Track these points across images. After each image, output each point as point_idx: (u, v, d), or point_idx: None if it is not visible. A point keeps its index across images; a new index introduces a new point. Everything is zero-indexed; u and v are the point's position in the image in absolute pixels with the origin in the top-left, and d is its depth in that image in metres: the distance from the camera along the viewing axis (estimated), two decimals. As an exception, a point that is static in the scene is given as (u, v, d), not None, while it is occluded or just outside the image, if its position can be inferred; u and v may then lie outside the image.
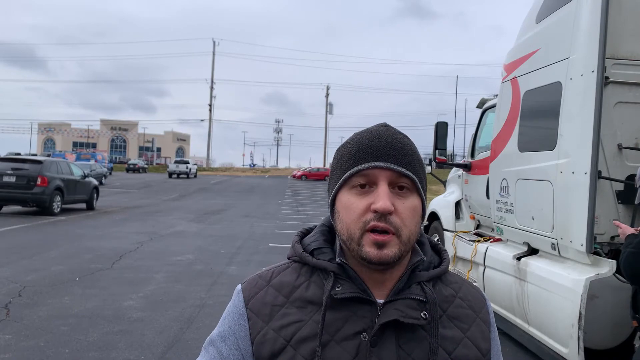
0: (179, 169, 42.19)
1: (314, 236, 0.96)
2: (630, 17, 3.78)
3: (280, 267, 0.95)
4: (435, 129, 6.40)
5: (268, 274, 0.94)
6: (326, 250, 0.92)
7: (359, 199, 0.85)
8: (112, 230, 11.38)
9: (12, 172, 13.24)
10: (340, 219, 0.88)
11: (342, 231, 0.87)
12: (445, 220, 6.84)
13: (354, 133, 0.93)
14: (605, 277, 3.47)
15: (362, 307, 0.86)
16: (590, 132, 3.47)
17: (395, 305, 0.86)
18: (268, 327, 0.87)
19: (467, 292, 0.96)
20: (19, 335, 4.50)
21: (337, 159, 0.92)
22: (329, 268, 0.89)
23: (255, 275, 0.95)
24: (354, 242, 0.85)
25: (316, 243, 0.94)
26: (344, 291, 0.86)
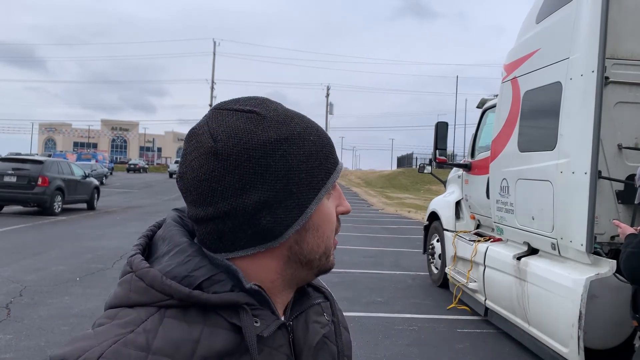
0: (179, 169, 42.27)
1: (191, 261, 0.63)
2: (630, 17, 3.78)
3: (151, 321, 0.60)
4: (435, 129, 6.40)
5: (138, 338, 0.58)
6: (221, 278, 0.63)
7: (331, 204, 0.70)
8: (113, 230, 11.39)
9: (13, 172, 13.25)
10: (319, 235, 0.67)
11: (319, 248, 0.68)
12: (446, 220, 6.84)
13: (290, 117, 0.66)
14: (606, 277, 3.48)
15: (276, 334, 0.66)
16: (590, 132, 3.48)
17: (308, 318, 0.72)
18: None
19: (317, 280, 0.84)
20: (19, 335, 4.51)
21: (306, 156, 0.65)
22: (240, 301, 0.62)
23: (117, 346, 0.56)
24: (326, 255, 0.69)
25: (202, 270, 0.62)
26: (267, 324, 0.64)
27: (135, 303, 0.61)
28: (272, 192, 0.62)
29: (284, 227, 0.64)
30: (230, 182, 0.61)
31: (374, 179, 44.42)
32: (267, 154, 0.62)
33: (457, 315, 5.69)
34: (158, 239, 0.69)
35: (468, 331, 5.20)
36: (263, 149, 0.61)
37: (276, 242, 0.64)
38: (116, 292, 0.64)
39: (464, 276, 5.77)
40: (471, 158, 6.51)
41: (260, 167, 0.61)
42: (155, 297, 0.61)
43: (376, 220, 16.91)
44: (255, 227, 0.63)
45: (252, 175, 0.61)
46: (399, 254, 9.85)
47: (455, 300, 6.02)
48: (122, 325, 0.59)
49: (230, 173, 0.61)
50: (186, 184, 0.64)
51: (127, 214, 15.09)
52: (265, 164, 0.61)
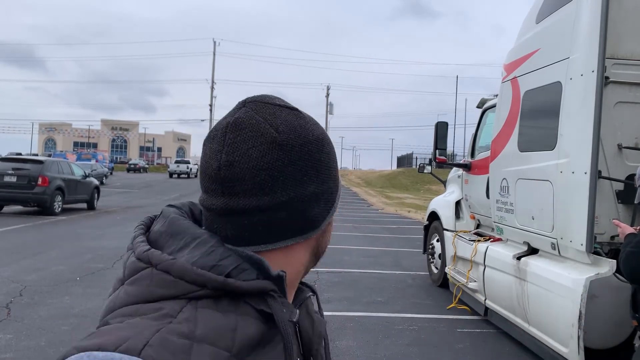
0: (179, 169, 42.20)
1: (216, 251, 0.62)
2: (630, 17, 3.78)
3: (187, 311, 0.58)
4: (435, 129, 6.41)
5: (180, 327, 0.56)
6: (245, 267, 0.63)
7: None
8: (113, 230, 11.39)
9: (13, 172, 13.25)
10: (331, 229, 0.73)
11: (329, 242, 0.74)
12: (446, 220, 6.85)
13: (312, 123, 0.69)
14: (605, 276, 3.48)
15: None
16: (590, 131, 3.48)
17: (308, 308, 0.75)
18: None
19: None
20: (19, 335, 4.51)
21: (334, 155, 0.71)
22: (267, 288, 0.63)
23: (158, 338, 0.53)
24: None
25: (230, 260, 0.62)
26: (291, 310, 0.65)
27: (160, 297, 0.59)
28: (321, 185, 0.67)
29: (322, 219, 0.68)
30: (291, 173, 0.63)
31: (374, 178, 44.41)
32: (319, 149, 0.67)
33: (457, 315, 5.70)
34: (161, 235, 0.66)
35: (468, 331, 5.20)
36: (317, 144, 0.66)
37: (314, 233, 0.68)
38: (130, 291, 0.61)
39: (463, 276, 5.77)
40: (471, 158, 6.51)
41: (315, 160, 0.66)
42: (184, 289, 0.59)
43: (376, 220, 16.91)
44: (305, 218, 0.66)
45: (309, 168, 0.65)
46: (399, 254, 9.85)
47: (455, 300, 6.02)
48: (156, 318, 0.56)
49: (293, 164, 0.63)
50: (239, 173, 0.63)
51: (127, 214, 15.09)
52: (319, 158, 0.66)
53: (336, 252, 9.28)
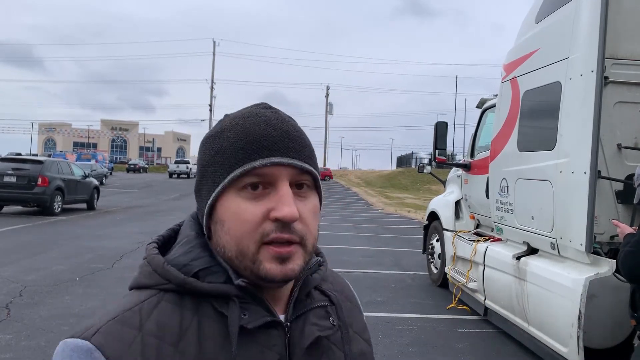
0: (179, 169, 42.20)
1: (193, 252, 0.69)
2: (630, 17, 3.79)
3: (148, 302, 0.66)
4: (435, 128, 6.41)
5: (133, 316, 0.64)
6: (216, 269, 0.68)
7: (252, 204, 0.67)
8: (113, 230, 11.39)
9: (12, 172, 13.25)
10: (224, 230, 0.68)
11: (229, 246, 0.67)
12: (445, 220, 6.85)
13: (230, 116, 0.73)
14: (605, 276, 3.48)
15: (270, 333, 0.68)
16: (590, 131, 3.48)
17: (307, 320, 0.73)
18: None
19: (338, 283, 0.85)
20: (19, 335, 4.51)
21: (215, 151, 0.69)
22: (230, 293, 0.66)
23: (113, 322, 0.63)
24: (247, 258, 0.66)
25: (200, 261, 0.68)
26: (255, 318, 0.67)
27: (142, 285, 0.69)
28: (198, 180, 0.72)
29: (201, 215, 0.72)
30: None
31: (374, 178, 44.41)
32: (200, 149, 0.73)
33: (457, 315, 5.70)
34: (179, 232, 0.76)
35: (468, 331, 5.20)
36: (201, 144, 0.74)
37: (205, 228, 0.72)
38: (134, 276, 0.71)
39: (463, 276, 5.78)
40: (471, 158, 6.52)
41: (198, 159, 0.74)
42: (157, 280, 0.68)
43: (376, 220, 16.91)
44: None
45: (198, 164, 0.74)
46: (399, 254, 9.85)
47: (455, 300, 6.02)
48: (123, 305, 0.66)
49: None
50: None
51: (127, 214, 15.09)
52: (199, 157, 0.73)
53: (336, 252, 9.28)
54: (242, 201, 0.67)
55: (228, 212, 0.68)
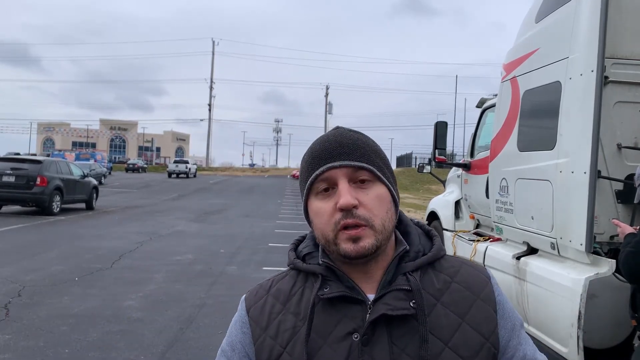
0: (178, 168, 42.18)
1: (305, 242, 0.99)
2: (630, 17, 3.78)
3: (280, 275, 0.99)
4: (434, 128, 6.40)
5: (268, 283, 0.98)
6: (316, 254, 0.94)
7: (325, 202, 0.88)
8: (112, 230, 11.37)
9: (11, 172, 13.23)
10: (314, 226, 0.91)
11: (319, 236, 0.90)
12: (445, 219, 6.85)
13: (315, 140, 0.96)
14: (605, 276, 3.48)
15: (353, 307, 0.87)
16: (590, 131, 3.48)
17: (384, 300, 0.87)
18: (265, 335, 0.91)
19: (465, 274, 0.93)
20: (18, 335, 4.50)
21: (301, 171, 0.95)
22: (317, 271, 0.91)
23: (257, 285, 1.00)
24: (331, 243, 0.87)
25: (307, 248, 0.97)
26: (331, 291, 0.88)
27: (287, 265, 1.00)
28: (301, 193, 0.96)
29: (304, 215, 0.96)
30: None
31: (373, 178, 44.36)
32: (300, 169, 0.97)
33: (457, 315, 5.69)
34: None
35: (467, 331, 5.19)
36: (300, 165, 0.97)
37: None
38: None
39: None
40: (470, 157, 6.51)
41: (299, 177, 0.97)
42: (289, 262, 0.99)
43: (375, 219, 16.88)
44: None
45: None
46: (398, 254, 9.84)
47: (455, 300, 6.02)
48: (271, 277, 1.01)
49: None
50: None
51: (126, 214, 15.07)
52: (300, 176, 0.96)
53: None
54: (318, 202, 0.90)
55: (312, 211, 0.91)
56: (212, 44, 54.21)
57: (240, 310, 0.97)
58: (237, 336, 0.95)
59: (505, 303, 0.93)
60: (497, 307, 0.91)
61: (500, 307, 0.91)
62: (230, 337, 0.96)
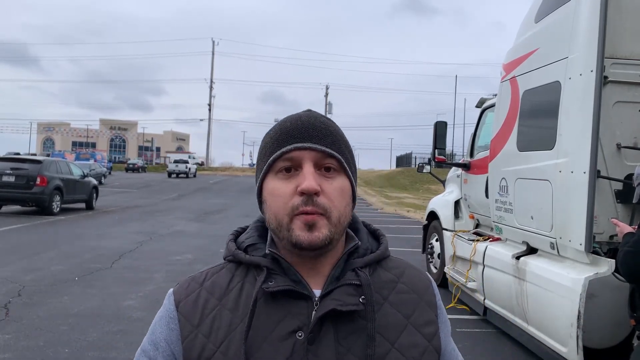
0: (178, 168, 42.15)
1: (248, 233, 0.92)
2: (629, 17, 3.78)
3: (215, 268, 0.91)
4: (434, 128, 6.40)
5: (201, 276, 0.90)
6: (260, 246, 0.88)
7: (284, 183, 0.82)
8: (112, 230, 11.38)
9: (11, 172, 13.23)
10: (267, 207, 0.84)
11: (271, 219, 0.84)
12: (445, 219, 6.85)
13: (281, 119, 0.90)
14: (604, 276, 3.48)
15: (297, 303, 0.82)
16: (589, 131, 3.48)
17: (332, 295, 0.82)
18: (197, 332, 0.83)
19: (410, 276, 0.92)
20: (18, 335, 4.50)
21: (262, 147, 0.89)
22: (262, 263, 0.85)
23: (188, 278, 0.90)
24: (284, 228, 0.81)
25: (250, 239, 0.90)
26: (277, 284, 0.82)
27: (223, 257, 0.93)
28: (256, 171, 0.91)
29: (257, 194, 0.89)
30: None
31: (373, 178, 44.41)
32: (260, 146, 0.90)
33: (456, 315, 5.70)
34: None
35: (467, 330, 5.20)
36: (261, 142, 0.90)
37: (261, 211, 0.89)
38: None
39: (463, 275, 5.78)
40: (470, 157, 6.52)
41: (258, 153, 0.91)
42: (226, 254, 0.92)
43: (375, 219, 16.91)
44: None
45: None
46: (398, 254, 9.77)
47: (455, 300, 6.02)
48: (204, 270, 0.92)
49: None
50: None
51: (125, 214, 15.07)
52: (258, 152, 0.91)
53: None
54: (277, 181, 0.84)
55: (267, 191, 0.85)
56: (212, 44, 54.29)
57: (168, 305, 0.87)
58: (162, 333, 0.86)
59: (443, 308, 0.93)
60: (438, 312, 0.91)
61: (440, 312, 0.92)
62: (154, 335, 0.87)
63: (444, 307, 0.94)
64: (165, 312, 0.87)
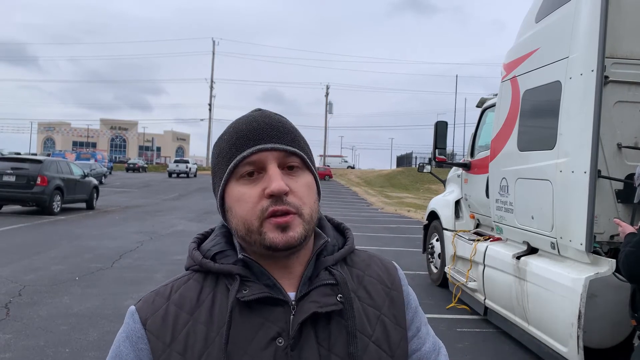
0: (178, 168, 42.14)
1: (214, 240, 0.87)
2: (630, 17, 3.78)
3: (180, 280, 0.85)
4: (435, 128, 6.40)
5: (166, 289, 0.84)
6: (229, 253, 0.84)
7: (249, 188, 0.80)
8: (112, 230, 11.38)
9: (12, 172, 13.23)
10: (233, 214, 0.81)
11: (239, 226, 0.80)
12: (445, 219, 6.85)
13: (232, 123, 0.86)
14: (605, 276, 3.48)
15: (274, 309, 0.79)
16: (590, 131, 3.48)
17: (310, 297, 0.80)
18: (170, 350, 0.78)
19: (376, 267, 0.92)
20: (19, 334, 4.50)
21: (217, 154, 0.85)
22: (234, 271, 0.81)
23: (152, 293, 0.84)
24: (254, 233, 0.78)
25: (217, 247, 0.85)
26: (252, 292, 0.79)
27: (187, 267, 0.87)
28: (212, 182, 0.87)
29: (218, 208, 0.86)
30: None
31: (374, 178, 44.41)
32: (213, 153, 0.87)
33: (457, 315, 5.70)
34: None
35: (467, 330, 5.20)
36: (214, 148, 0.87)
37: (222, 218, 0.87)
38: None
39: (463, 275, 5.77)
40: (471, 157, 6.51)
41: (212, 161, 0.87)
42: (190, 263, 0.86)
43: (375, 219, 16.91)
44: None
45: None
46: (399, 253, 9.85)
47: (455, 300, 6.02)
48: (167, 282, 0.86)
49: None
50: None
51: (126, 214, 15.08)
52: (213, 160, 0.87)
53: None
54: (241, 187, 0.81)
55: (232, 198, 0.81)
56: (212, 43, 54.31)
57: (131, 324, 0.81)
58: (129, 355, 0.79)
59: (410, 292, 0.93)
60: (405, 298, 0.90)
61: (407, 298, 0.91)
62: (120, 358, 0.81)
63: (411, 292, 0.93)
64: (129, 331, 0.81)
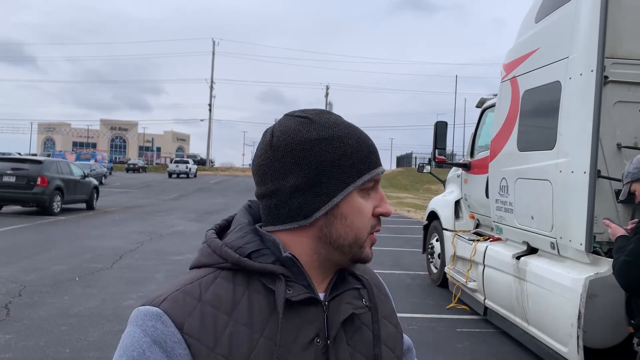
0: (178, 168, 42.13)
1: (246, 237, 0.82)
2: (630, 17, 3.78)
3: (206, 278, 0.78)
4: (434, 128, 6.41)
5: (194, 289, 0.77)
6: (266, 252, 0.80)
7: (366, 202, 0.82)
8: (112, 230, 11.38)
9: (12, 172, 13.24)
10: (346, 223, 0.80)
11: (347, 235, 0.80)
12: (445, 219, 6.85)
13: (330, 121, 0.82)
14: (605, 276, 3.48)
15: (308, 309, 0.79)
16: (590, 131, 3.48)
17: (343, 299, 0.83)
18: (215, 354, 0.73)
19: (370, 272, 0.97)
20: (19, 334, 4.50)
21: (339, 154, 0.79)
22: (277, 271, 0.78)
23: (177, 292, 0.76)
24: (358, 245, 0.82)
25: (253, 245, 0.80)
26: (297, 293, 0.78)
27: (202, 264, 0.81)
28: (304, 179, 0.78)
29: (312, 210, 0.79)
30: (276, 167, 0.79)
31: (374, 178, 44.39)
32: (305, 149, 0.78)
33: (457, 315, 5.70)
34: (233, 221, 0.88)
35: (467, 330, 5.20)
36: (303, 145, 0.78)
37: (306, 221, 0.80)
38: (195, 257, 0.83)
39: (463, 275, 5.78)
40: (470, 157, 6.52)
41: (298, 158, 0.78)
42: (216, 260, 0.80)
43: (375, 219, 16.88)
44: (290, 206, 0.80)
45: (291, 164, 0.78)
46: (399, 254, 9.85)
47: (455, 300, 6.02)
48: (188, 280, 0.79)
49: (278, 161, 0.79)
50: (253, 169, 0.85)
51: (126, 214, 15.08)
52: (303, 156, 0.78)
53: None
54: (361, 200, 0.82)
55: (353, 208, 0.81)
56: (213, 44, 54.32)
57: (161, 327, 0.72)
58: None
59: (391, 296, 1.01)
60: (390, 299, 0.98)
61: (392, 301, 0.99)
62: None
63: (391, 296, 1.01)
64: (158, 335, 0.72)
